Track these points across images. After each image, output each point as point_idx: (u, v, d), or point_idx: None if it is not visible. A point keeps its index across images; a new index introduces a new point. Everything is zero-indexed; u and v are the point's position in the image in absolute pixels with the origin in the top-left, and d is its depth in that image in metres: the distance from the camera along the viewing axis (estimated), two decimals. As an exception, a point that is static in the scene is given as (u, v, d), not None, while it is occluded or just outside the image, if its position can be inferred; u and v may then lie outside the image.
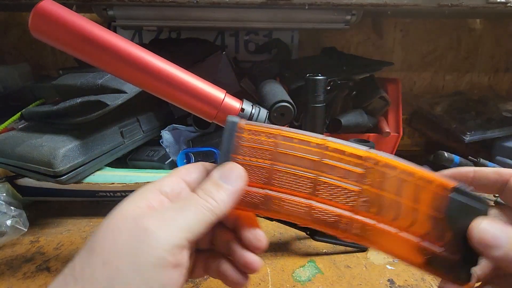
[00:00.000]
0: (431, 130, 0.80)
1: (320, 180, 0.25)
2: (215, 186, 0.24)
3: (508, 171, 0.24)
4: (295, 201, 0.25)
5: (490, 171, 0.25)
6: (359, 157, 0.25)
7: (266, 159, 0.25)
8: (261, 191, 0.26)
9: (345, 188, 0.25)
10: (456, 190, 0.24)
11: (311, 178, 0.25)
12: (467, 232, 0.23)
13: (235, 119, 0.26)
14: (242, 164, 0.25)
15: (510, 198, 0.24)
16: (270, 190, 0.26)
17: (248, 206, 0.26)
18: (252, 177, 0.26)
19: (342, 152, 0.25)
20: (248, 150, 0.25)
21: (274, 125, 0.26)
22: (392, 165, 0.25)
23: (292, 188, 0.25)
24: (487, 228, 0.22)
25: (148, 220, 0.21)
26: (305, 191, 0.25)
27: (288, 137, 0.26)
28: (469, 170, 0.26)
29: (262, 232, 0.27)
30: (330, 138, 0.26)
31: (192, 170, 0.26)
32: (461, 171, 0.26)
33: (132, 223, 0.20)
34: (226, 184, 0.24)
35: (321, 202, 0.25)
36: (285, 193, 0.25)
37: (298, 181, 0.25)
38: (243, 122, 0.26)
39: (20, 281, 0.38)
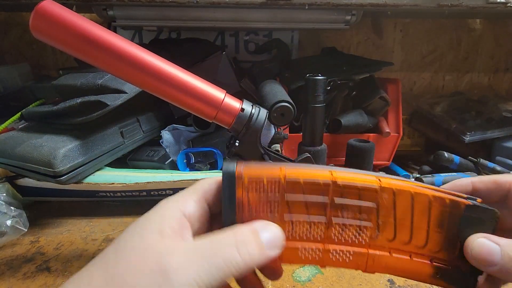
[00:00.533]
0: (431, 130, 0.81)
1: (333, 223, 0.23)
2: (257, 248, 0.21)
3: (505, 179, 0.24)
4: (310, 248, 0.24)
5: (488, 181, 0.25)
6: (373, 190, 0.23)
7: (274, 212, 0.23)
8: None
9: (359, 226, 0.23)
10: (469, 207, 0.23)
11: (323, 223, 0.23)
12: (463, 248, 0.23)
13: (231, 167, 0.22)
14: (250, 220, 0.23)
15: None
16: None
17: None
18: None
19: (355, 188, 0.23)
20: (253, 203, 0.23)
21: (275, 164, 0.24)
22: (404, 190, 0.23)
23: (305, 236, 0.24)
24: (481, 244, 0.22)
25: (171, 259, 0.19)
26: (319, 237, 0.24)
27: (293, 179, 0.23)
28: (467, 183, 0.26)
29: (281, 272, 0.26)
30: (335, 169, 0.24)
31: (213, 187, 0.24)
32: (458, 185, 0.26)
33: (155, 263, 0.19)
34: (268, 250, 0.21)
35: (335, 244, 0.24)
36: (299, 241, 0.24)
37: (310, 229, 0.23)
38: (241, 168, 0.23)
39: (20, 281, 0.38)
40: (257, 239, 0.21)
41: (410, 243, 0.24)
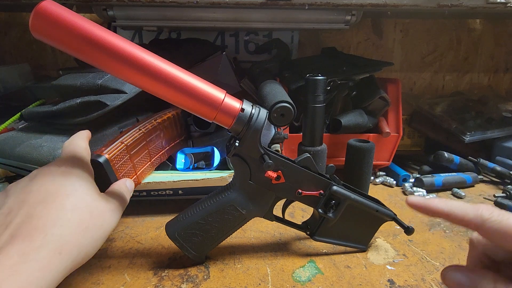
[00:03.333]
0: (431, 130, 0.80)
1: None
2: (127, 189, 0.37)
3: (472, 215, 0.25)
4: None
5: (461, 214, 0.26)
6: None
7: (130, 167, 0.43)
8: None
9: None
10: None
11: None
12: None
13: (102, 158, 0.37)
14: None
15: (487, 235, 0.25)
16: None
17: None
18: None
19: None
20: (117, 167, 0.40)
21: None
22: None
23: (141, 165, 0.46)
24: (453, 276, 0.25)
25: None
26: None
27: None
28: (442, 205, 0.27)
29: None
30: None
31: (88, 158, 0.36)
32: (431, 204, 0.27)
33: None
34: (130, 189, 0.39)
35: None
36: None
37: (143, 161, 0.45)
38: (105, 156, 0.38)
39: (20, 281, 0.38)
40: (126, 186, 0.37)
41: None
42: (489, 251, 0.27)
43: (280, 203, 0.42)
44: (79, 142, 0.35)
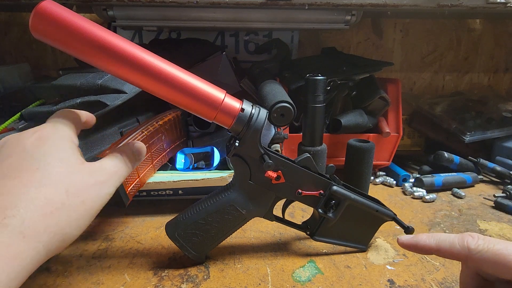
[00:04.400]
0: (431, 130, 0.81)
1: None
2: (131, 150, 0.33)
3: (460, 250, 0.26)
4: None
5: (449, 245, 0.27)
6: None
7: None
8: None
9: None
10: None
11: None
12: None
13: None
14: None
15: (474, 266, 0.26)
16: None
17: None
18: None
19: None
20: None
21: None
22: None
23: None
24: None
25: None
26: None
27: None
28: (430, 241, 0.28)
29: None
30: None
31: (78, 118, 0.31)
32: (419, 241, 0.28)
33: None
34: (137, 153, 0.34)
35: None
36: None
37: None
38: None
39: (20, 281, 0.38)
40: (130, 151, 0.32)
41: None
42: (481, 272, 0.27)
43: (280, 203, 0.42)
44: (71, 110, 0.31)
